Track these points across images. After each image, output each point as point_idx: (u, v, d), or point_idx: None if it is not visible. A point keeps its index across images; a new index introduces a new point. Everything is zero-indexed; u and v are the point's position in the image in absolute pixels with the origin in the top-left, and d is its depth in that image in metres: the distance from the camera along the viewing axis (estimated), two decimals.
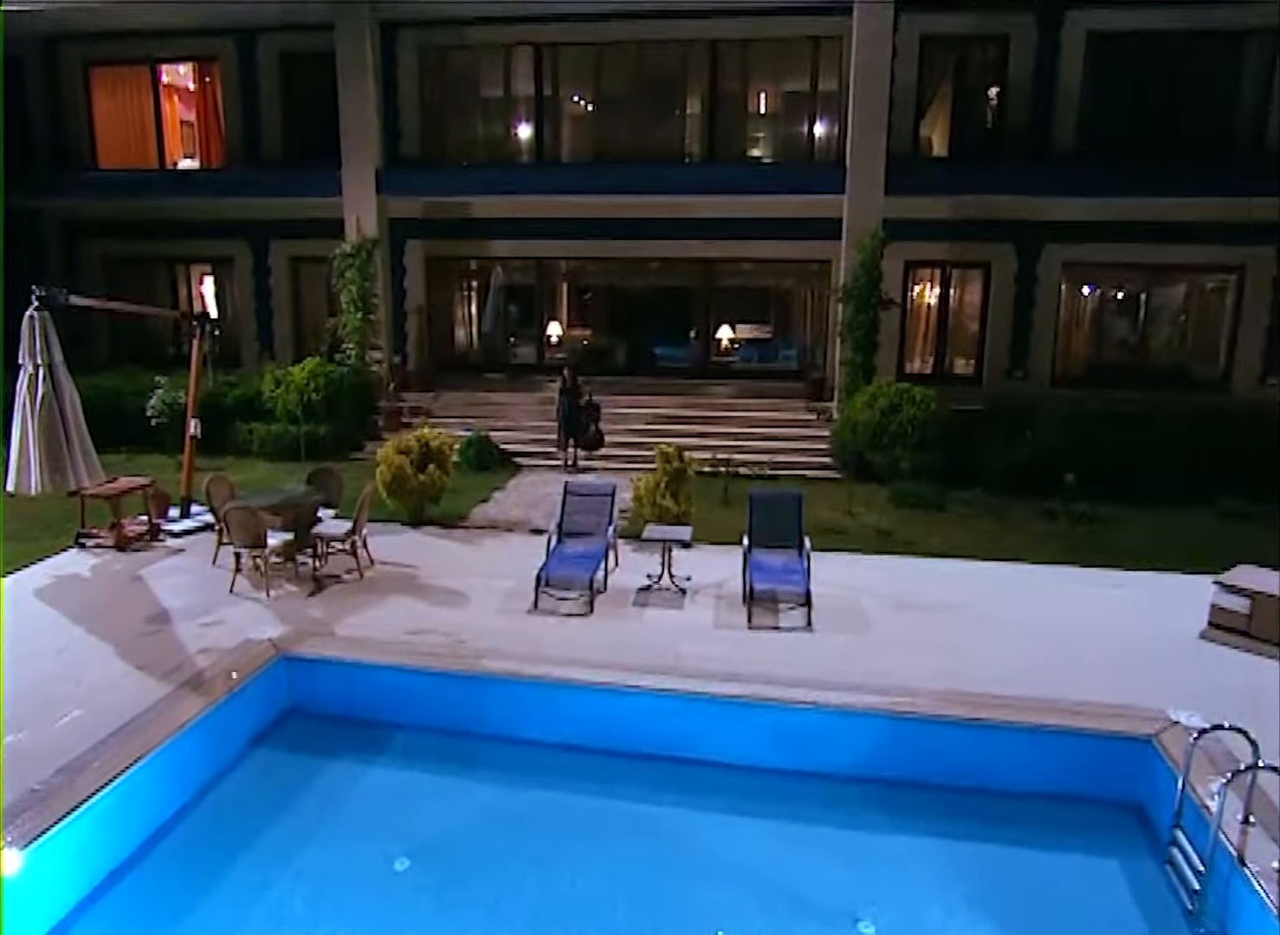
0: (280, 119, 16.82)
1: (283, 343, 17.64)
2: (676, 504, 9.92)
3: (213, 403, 14.38)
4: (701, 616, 8.10)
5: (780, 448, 13.92)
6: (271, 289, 17.51)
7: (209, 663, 6.99)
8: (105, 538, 9.74)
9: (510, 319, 17.85)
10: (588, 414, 13.56)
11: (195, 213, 17.00)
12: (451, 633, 7.62)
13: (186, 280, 18.35)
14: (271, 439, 14.19)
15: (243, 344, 17.79)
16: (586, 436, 13.61)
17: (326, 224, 15.73)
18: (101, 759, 5.54)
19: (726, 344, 17.16)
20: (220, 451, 14.36)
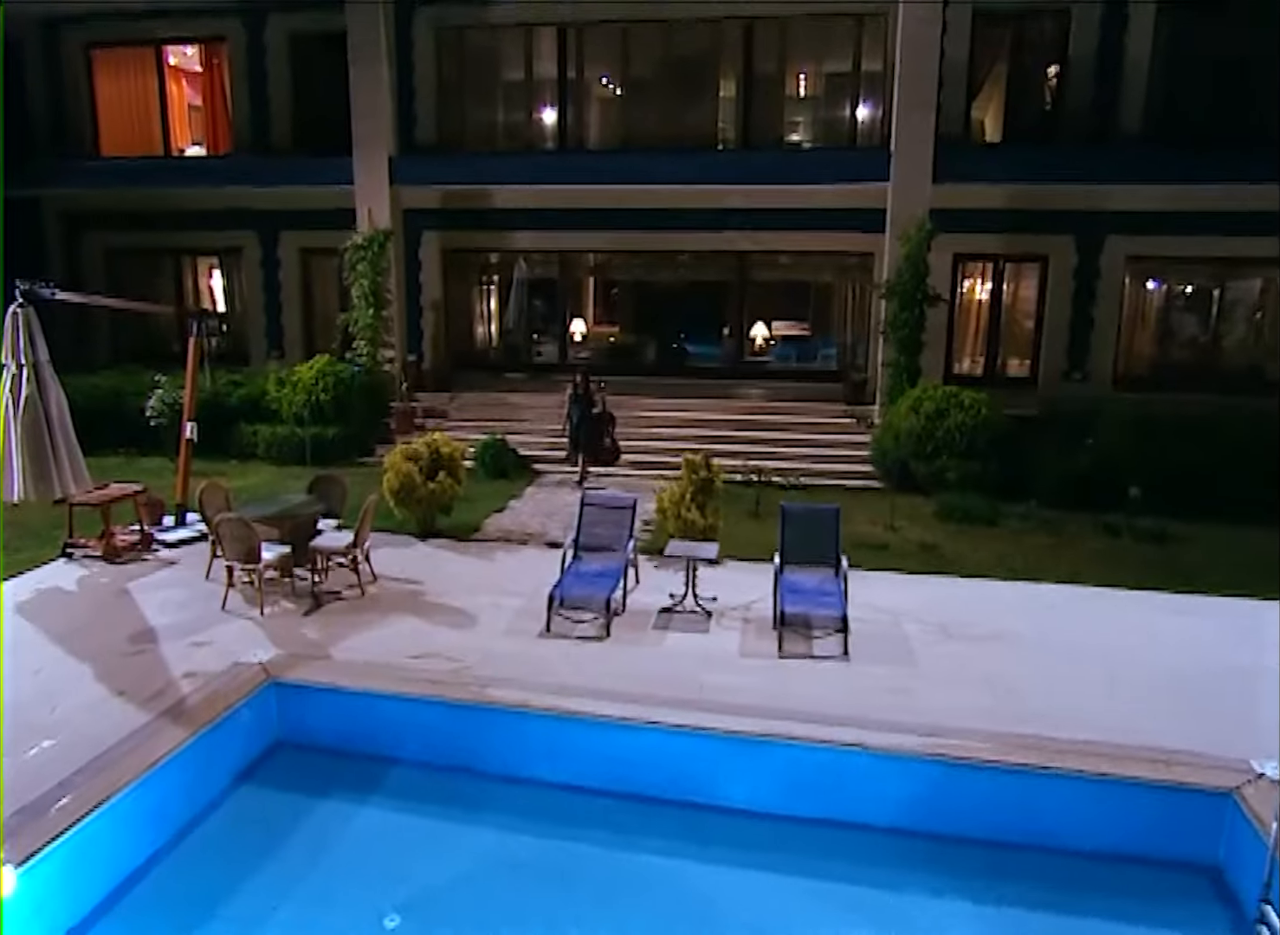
0: (290, 104, 16.75)
1: (292, 339, 17.58)
2: (703, 517, 9.61)
3: (216, 403, 14.36)
4: (727, 642, 7.80)
5: (817, 455, 13.61)
6: (281, 282, 17.46)
7: (193, 688, 6.78)
8: (94, 548, 9.61)
9: (532, 315, 17.71)
10: (601, 424, 12.99)
11: (202, 202, 16.95)
12: (456, 657, 7.39)
13: (193, 273, 18.35)
14: (277, 442, 14.08)
15: (251, 340, 17.76)
16: (599, 450, 13.02)
17: (339, 214, 15.62)
18: (68, 798, 5.32)
19: (761, 343, 16.87)
20: (224, 454, 14.29)
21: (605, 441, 12.98)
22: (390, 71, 15.37)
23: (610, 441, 13.02)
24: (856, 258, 15.72)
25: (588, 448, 12.90)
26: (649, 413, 14.75)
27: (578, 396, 12.93)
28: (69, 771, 5.55)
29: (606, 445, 13.02)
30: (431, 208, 16.40)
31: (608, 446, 13.03)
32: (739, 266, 16.25)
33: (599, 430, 12.91)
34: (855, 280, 16.25)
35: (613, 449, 13.03)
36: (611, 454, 13.03)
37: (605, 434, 12.97)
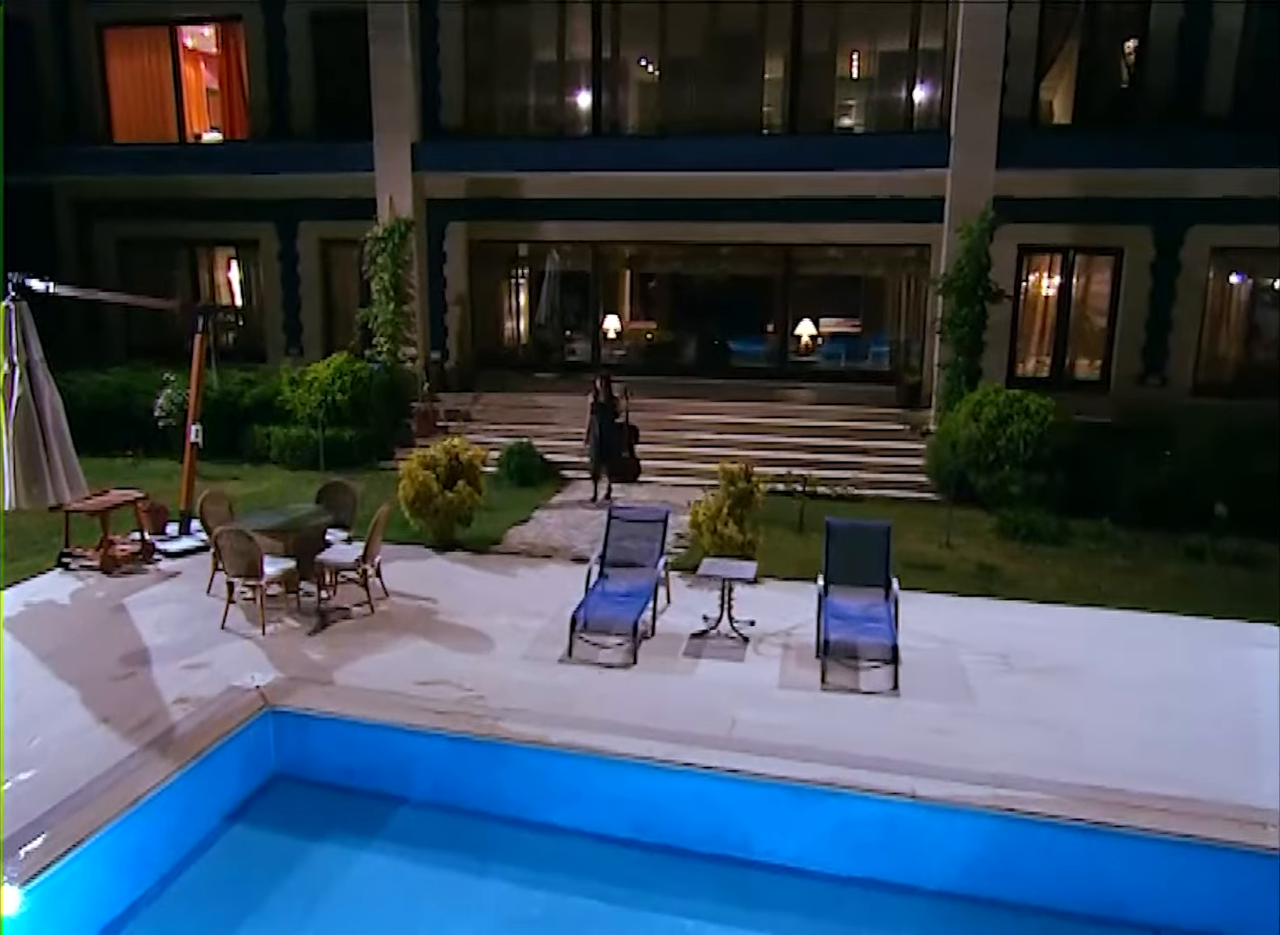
0: (311, 87, 16.68)
1: (311, 335, 17.52)
2: (741, 532, 9.30)
3: (228, 403, 14.34)
4: (765, 672, 7.49)
5: (866, 463, 13.25)
6: (300, 276, 17.39)
7: (184, 716, 6.61)
8: (91, 558, 9.51)
9: (564, 311, 17.47)
10: (623, 436, 12.32)
11: (218, 191, 16.94)
12: (468, 685, 7.16)
13: (209, 265, 18.37)
14: (291, 445, 13.97)
15: (268, 336, 17.73)
16: (620, 465, 12.33)
17: (361, 203, 15.50)
18: (40, 839, 5.12)
19: (807, 341, 16.56)
20: (236, 457, 14.25)
21: (624, 455, 12.35)
22: (413, 51, 15.20)
23: (630, 455, 12.38)
24: (912, 250, 15.36)
25: (609, 461, 12.27)
26: (685, 415, 14.49)
27: (600, 405, 12.23)
28: (42, 809, 5.37)
29: (625, 459, 12.37)
30: (457, 197, 16.24)
31: (627, 460, 12.39)
32: (784, 260, 15.94)
33: (620, 442, 12.29)
34: (910, 274, 15.87)
35: (632, 464, 12.41)
36: (631, 469, 12.41)
37: (626, 447, 12.36)
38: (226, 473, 13.56)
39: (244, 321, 18.01)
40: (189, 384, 10.89)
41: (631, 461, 12.37)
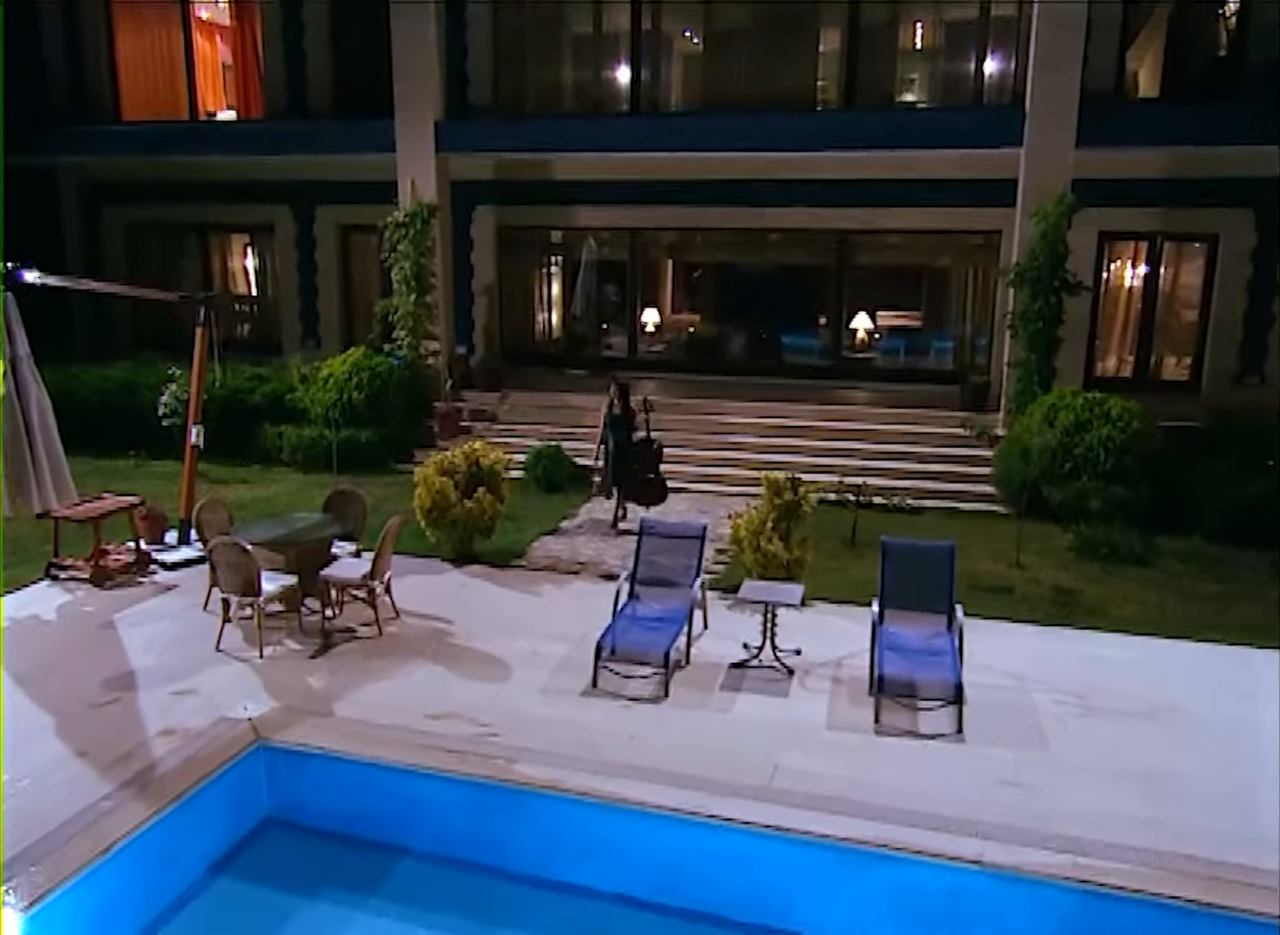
0: (329, 62, 16.55)
1: (329, 327, 17.44)
2: (786, 549, 8.92)
3: (237, 401, 14.20)
4: (812, 710, 7.12)
5: (927, 472, 12.84)
6: (317, 263, 17.32)
7: (169, 750, 6.40)
8: (81, 570, 9.37)
9: (601, 303, 17.31)
10: (644, 455, 11.34)
11: (231, 172, 16.87)
12: (482, 719, 6.89)
13: (221, 251, 18.37)
14: (304, 446, 13.83)
15: (283, 327, 17.69)
16: (639, 486, 11.34)
17: (383, 187, 15.29)
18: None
19: (863, 336, 16.14)
20: (245, 458, 14.15)
21: (650, 476, 11.32)
22: (438, 23, 14.89)
23: (656, 476, 11.35)
24: (979, 237, 14.90)
25: (628, 482, 11.34)
26: (728, 417, 14.17)
27: (616, 418, 11.33)
28: (4, 857, 5.13)
29: (649, 480, 11.32)
30: (484, 179, 16.05)
31: (650, 482, 11.33)
32: (839, 248, 15.57)
33: (640, 461, 11.29)
34: (978, 264, 15.41)
35: (658, 486, 11.36)
36: (655, 492, 11.35)
37: (649, 466, 11.34)
38: (234, 475, 13.48)
39: (257, 310, 17.93)
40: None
41: (656, 483, 11.35)
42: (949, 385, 14.82)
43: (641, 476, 11.28)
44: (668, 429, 13.73)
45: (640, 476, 11.28)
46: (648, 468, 11.30)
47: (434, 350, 15.25)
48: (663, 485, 11.37)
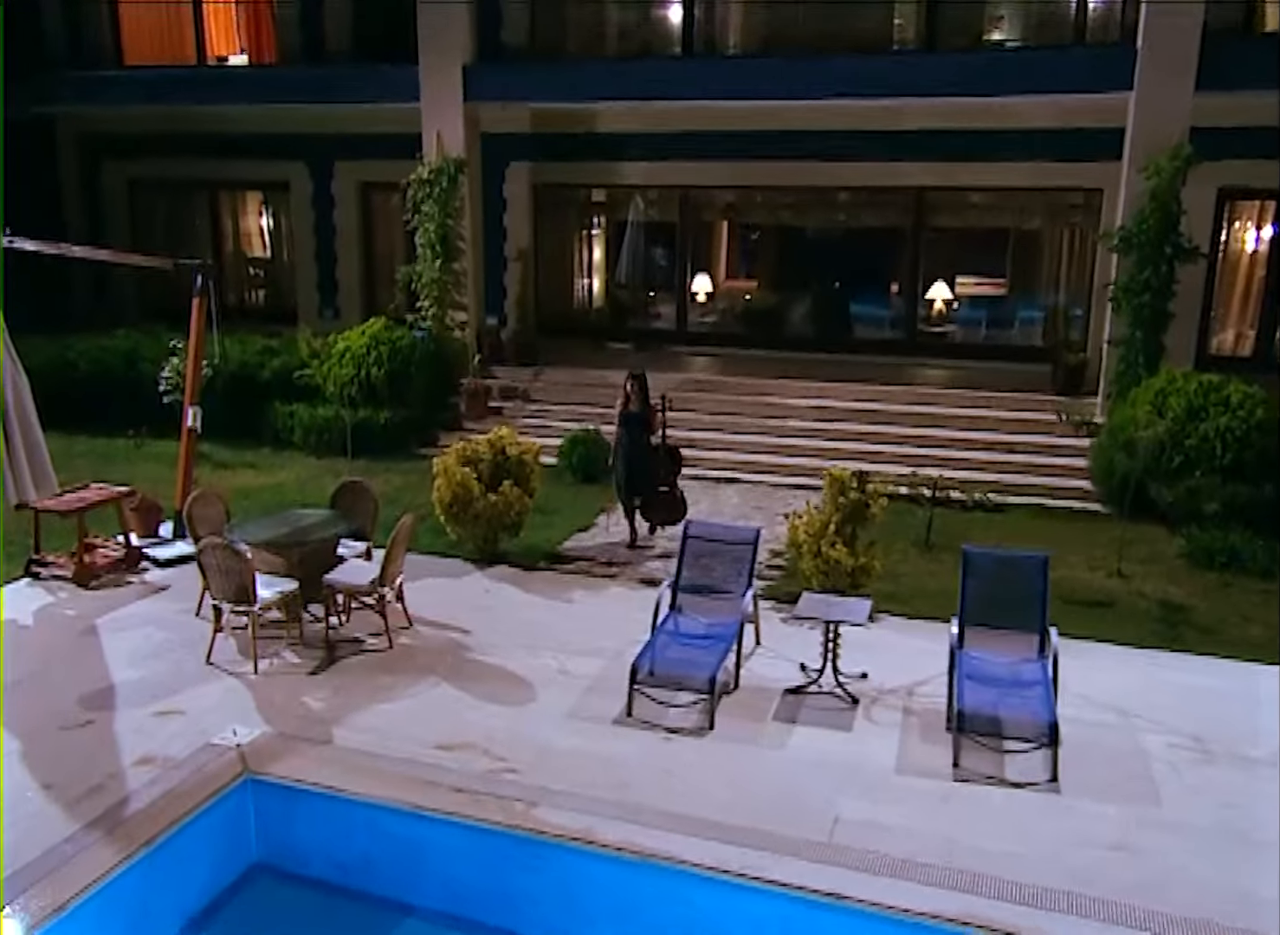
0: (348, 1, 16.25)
1: (349, 294, 17.26)
2: (852, 555, 8.46)
3: (246, 376, 14.04)
4: (879, 748, 6.68)
5: (1012, 463, 12.34)
6: (336, 225, 17.13)
7: (146, 782, 6.13)
8: (65, 568, 9.17)
9: (648, 268, 17.12)
10: (661, 462, 10.46)
11: (242, 123, 16.64)
12: (499, 750, 6.58)
13: (232, 211, 18.24)
14: (317, 427, 13.61)
15: (300, 295, 17.56)
16: (654, 500, 10.44)
17: (408, 140, 15.06)
18: None
19: (941, 307, 15.63)
20: (253, 440, 13.98)
21: (663, 489, 10.38)
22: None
23: (671, 490, 10.40)
24: (1078, 196, 14.33)
25: (642, 493, 10.43)
26: (787, 399, 13.77)
27: (631, 417, 10.38)
28: None
29: (665, 494, 10.40)
30: (519, 132, 15.69)
31: (665, 496, 10.39)
32: (915, 207, 15.04)
33: (656, 470, 10.39)
34: (1074, 226, 14.86)
35: (673, 502, 10.38)
36: (670, 509, 10.36)
37: (665, 478, 10.42)
38: (240, 459, 13.32)
39: (271, 276, 17.75)
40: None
41: (672, 497, 10.40)
42: (1038, 364, 14.28)
43: (653, 486, 10.37)
44: (719, 412, 13.65)
45: (655, 488, 10.37)
46: (662, 479, 10.40)
47: (461, 322, 15.06)
48: (680, 501, 10.39)
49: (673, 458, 10.55)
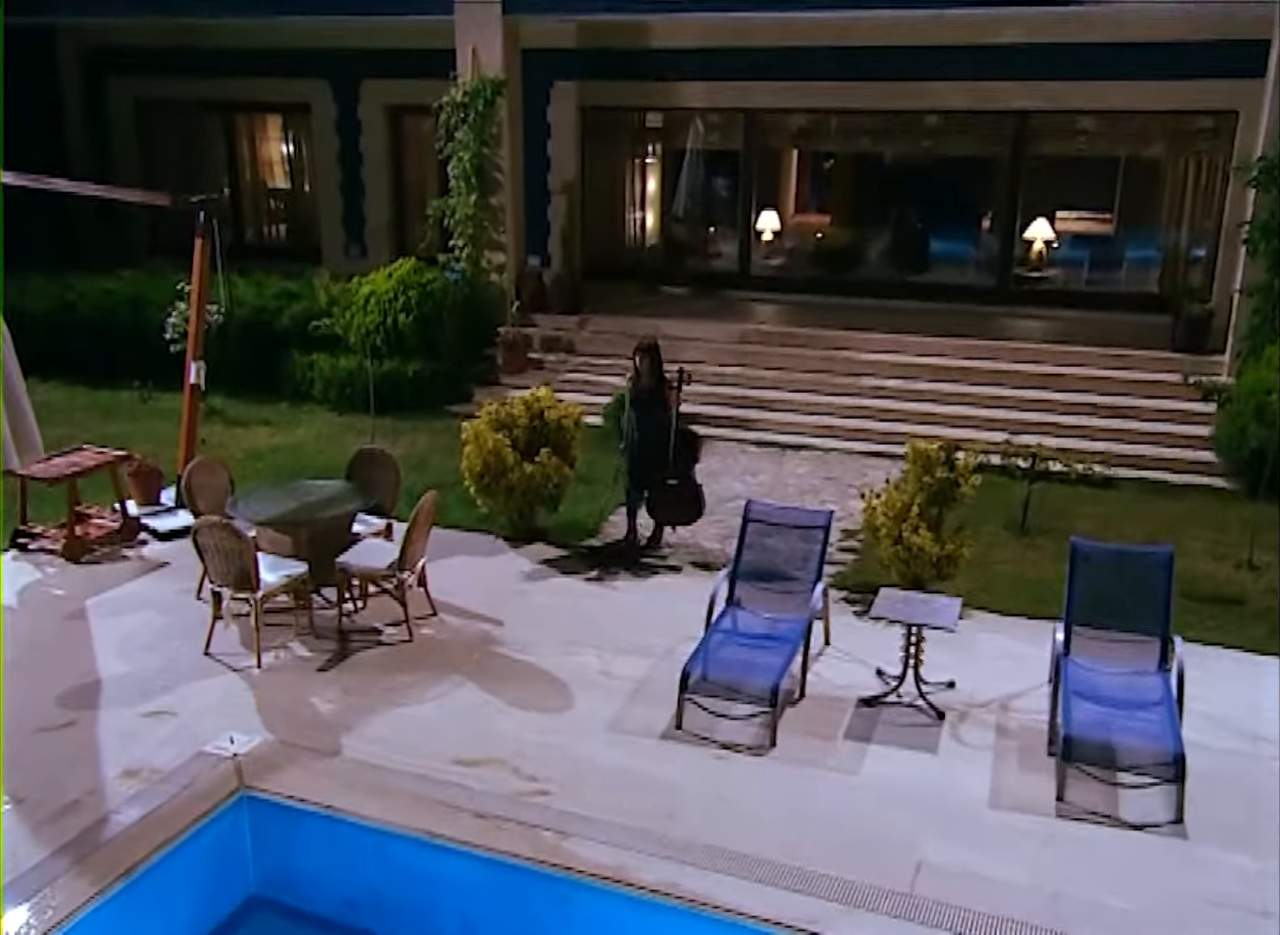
0: None
1: (376, 231, 17.05)
2: (938, 542, 7.99)
3: (262, 322, 13.89)
4: (969, 775, 6.24)
5: (1123, 431, 11.86)
6: (363, 153, 16.89)
7: (127, 798, 5.87)
8: (53, 540, 9.00)
9: (709, 202, 16.93)
10: (678, 447, 9.25)
11: (259, 38, 16.30)
12: (529, 768, 6.27)
13: (250, 136, 18.11)
14: (339, 380, 13.44)
15: (323, 230, 17.41)
16: (668, 498, 9.27)
17: (441, 58, 14.63)
18: None
19: (1041, 249, 15.17)
20: (270, 393, 13.82)
21: (672, 482, 9.18)
22: None
23: (685, 482, 9.22)
24: (1206, 119, 13.80)
25: (648, 489, 9.34)
26: (863, 353, 13.41)
27: (642, 394, 9.30)
28: None
29: (676, 487, 9.20)
30: (565, 47, 15.34)
31: (678, 490, 9.21)
32: (1015, 133, 14.49)
33: (670, 459, 9.18)
34: (1201, 154, 14.28)
35: (689, 498, 9.23)
36: (685, 506, 9.25)
37: (680, 469, 9.23)
38: (255, 415, 13.18)
39: (292, 210, 17.53)
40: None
41: (686, 493, 9.23)
42: (1155, 315, 13.75)
43: (663, 479, 9.21)
44: (785, 368, 13.35)
45: (666, 481, 9.21)
46: (676, 470, 9.25)
47: (499, 263, 14.79)
48: (695, 498, 9.25)
49: (689, 445, 9.50)
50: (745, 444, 12.19)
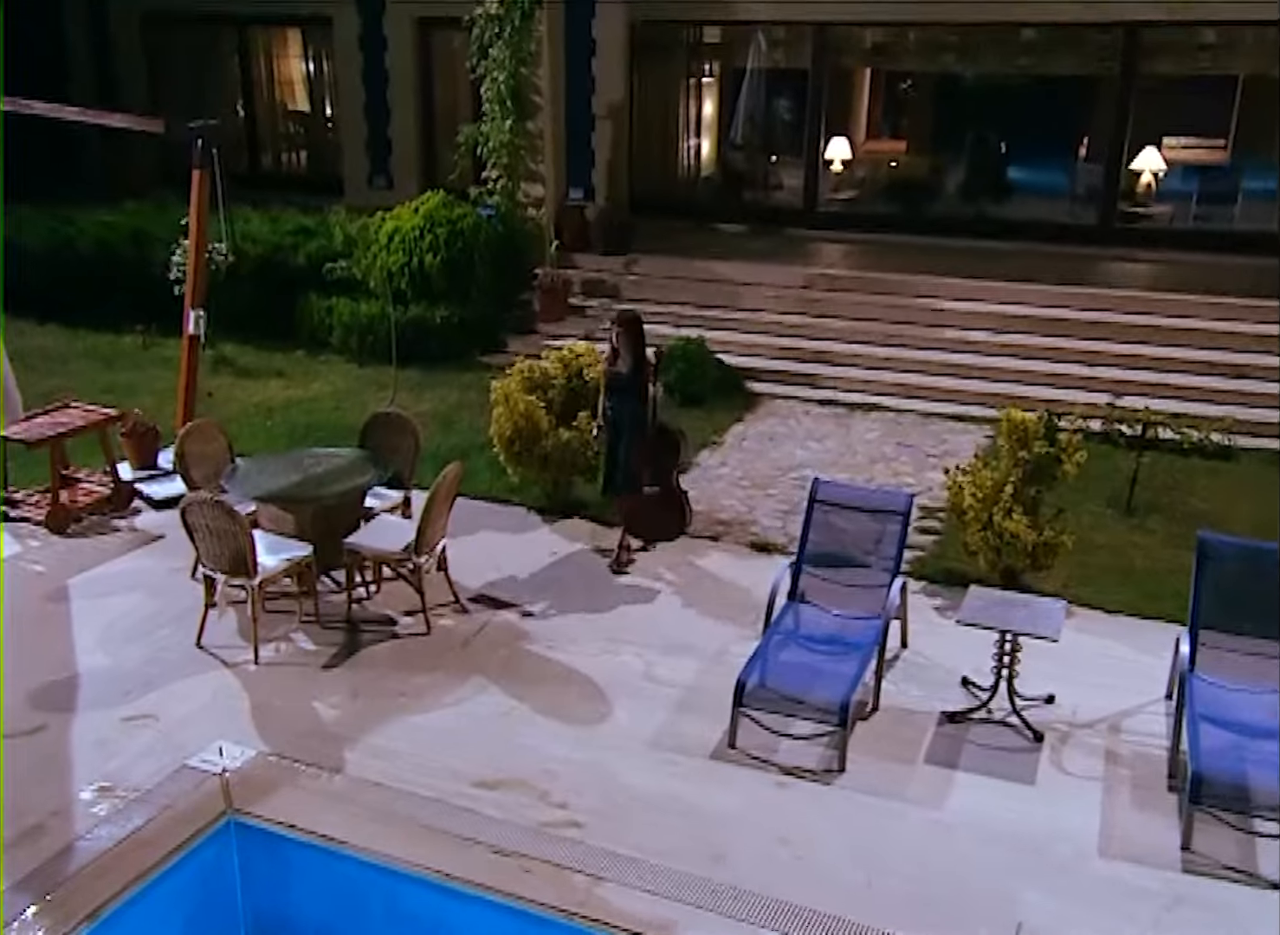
0: None
1: (404, 159, 16.79)
2: (1034, 529, 7.41)
3: (277, 262, 13.51)
4: (1074, 814, 5.69)
5: (1245, 393, 11.23)
6: (388, 73, 16.58)
7: (99, 820, 5.49)
8: (37, 508, 8.66)
9: (770, 127, 16.69)
10: (654, 448, 8.14)
11: None
12: (557, 793, 5.81)
13: (266, 55, 18.00)
14: (360, 326, 13.07)
15: (346, 158, 17.19)
16: (641, 509, 8.24)
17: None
18: None
19: (1149, 182, 14.59)
20: (286, 341, 13.46)
21: (650, 489, 8.22)
22: None
23: (666, 487, 8.30)
24: None
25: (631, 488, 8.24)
26: (944, 301, 12.86)
27: (619, 380, 8.06)
28: None
29: (653, 494, 8.23)
30: None
31: (659, 498, 8.26)
32: (1125, 49, 13.86)
33: (649, 459, 8.14)
34: None
35: (667, 509, 8.35)
36: (662, 521, 8.35)
37: (658, 471, 8.22)
38: (269, 365, 12.83)
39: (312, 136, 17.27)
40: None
41: (667, 502, 8.32)
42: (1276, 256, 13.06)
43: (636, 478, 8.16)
44: (855, 317, 12.90)
45: (638, 483, 8.18)
46: (656, 473, 8.22)
47: (537, 197, 14.53)
48: (679, 510, 8.40)
49: (672, 447, 8.38)
50: (808, 404, 11.69)
